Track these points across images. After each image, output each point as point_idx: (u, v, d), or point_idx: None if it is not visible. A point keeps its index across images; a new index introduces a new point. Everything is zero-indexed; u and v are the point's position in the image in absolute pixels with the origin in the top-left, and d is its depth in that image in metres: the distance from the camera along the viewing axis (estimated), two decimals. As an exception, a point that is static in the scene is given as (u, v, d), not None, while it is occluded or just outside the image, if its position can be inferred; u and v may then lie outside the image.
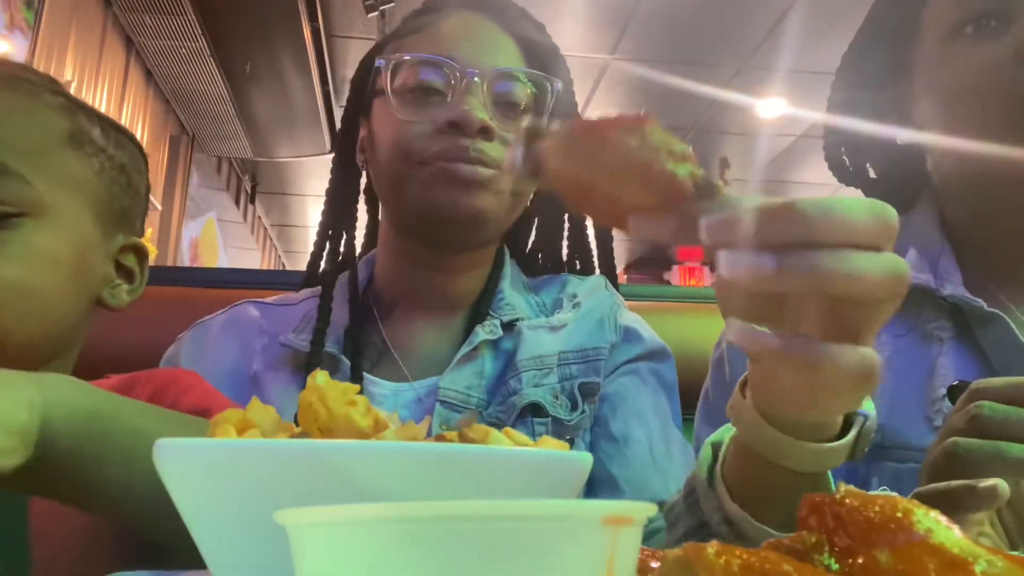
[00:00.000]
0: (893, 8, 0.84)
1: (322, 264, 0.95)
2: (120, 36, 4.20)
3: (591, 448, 0.83)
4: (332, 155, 0.94)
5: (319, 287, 0.91)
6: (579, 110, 0.97)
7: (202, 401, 0.76)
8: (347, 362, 0.83)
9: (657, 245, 7.97)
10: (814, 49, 4.60)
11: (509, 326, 0.86)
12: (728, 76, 4.91)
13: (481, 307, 0.88)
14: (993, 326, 0.73)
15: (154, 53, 4.38)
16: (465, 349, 0.83)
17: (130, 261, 0.78)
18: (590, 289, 0.92)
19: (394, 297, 0.91)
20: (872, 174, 0.90)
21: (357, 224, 0.94)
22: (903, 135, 0.82)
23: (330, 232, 0.93)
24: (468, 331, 0.86)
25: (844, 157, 0.90)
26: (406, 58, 0.82)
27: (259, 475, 0.34)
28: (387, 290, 0.91)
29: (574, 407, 0.82)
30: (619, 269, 1.01)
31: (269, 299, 0.93)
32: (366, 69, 0.89)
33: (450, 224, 0.81)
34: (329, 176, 0.93)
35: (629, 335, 0.89)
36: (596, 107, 5.23)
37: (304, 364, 0.82)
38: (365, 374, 0.83)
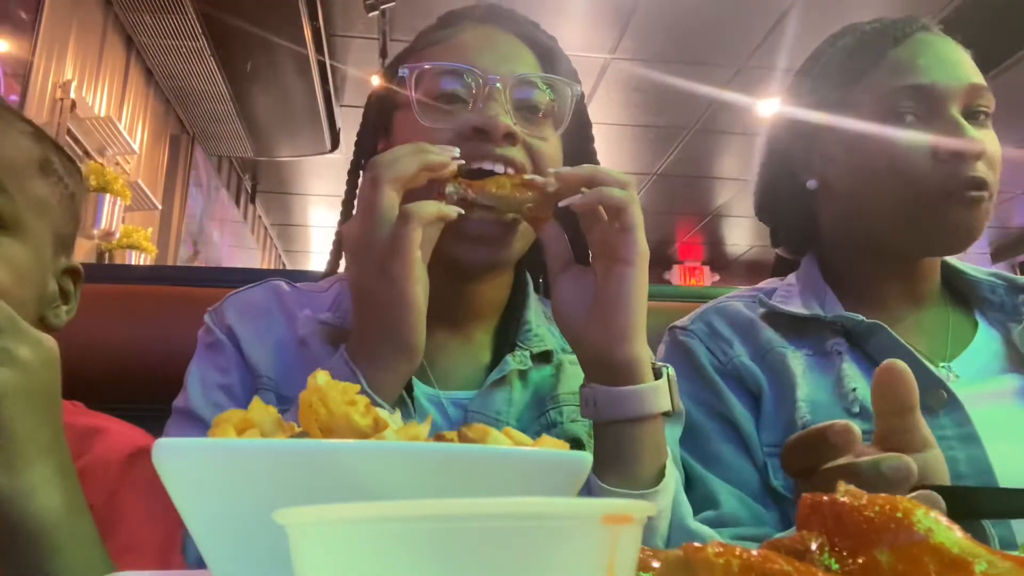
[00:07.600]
0: (837, 75, 0.99)
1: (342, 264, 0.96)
2: (120, 36, 4.20)
3: None
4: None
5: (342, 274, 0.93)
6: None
7: (135, 441, 0.81)
8: None
9: (658, 245, 7.99)
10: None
11: (537, 357, 0.87)
12: (728, 76, 4.91)
13: (507, 333, 0.89)
14: (875, 336, 0.92)
15: (154, 52, 4.38)
16: (495, 376, 0.84)
17: (67, 283, 0.82)
18: None
19: None
20: (777, 216, 1.11)
21: None
22: (812, 183, 1.02)
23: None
24: (492, 349, 0.89)
25: (763, 195, 1.11)
26: (428, 67, 0.83)
27: (259, 475, 0.34)
28: None
29: None
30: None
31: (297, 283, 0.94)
32: (387, 82, 0.91)
33: None
34: (345, 188, 0.95)
35: None
36: (596, 107, 5.22)
37: (346, 339, 0.80)
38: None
